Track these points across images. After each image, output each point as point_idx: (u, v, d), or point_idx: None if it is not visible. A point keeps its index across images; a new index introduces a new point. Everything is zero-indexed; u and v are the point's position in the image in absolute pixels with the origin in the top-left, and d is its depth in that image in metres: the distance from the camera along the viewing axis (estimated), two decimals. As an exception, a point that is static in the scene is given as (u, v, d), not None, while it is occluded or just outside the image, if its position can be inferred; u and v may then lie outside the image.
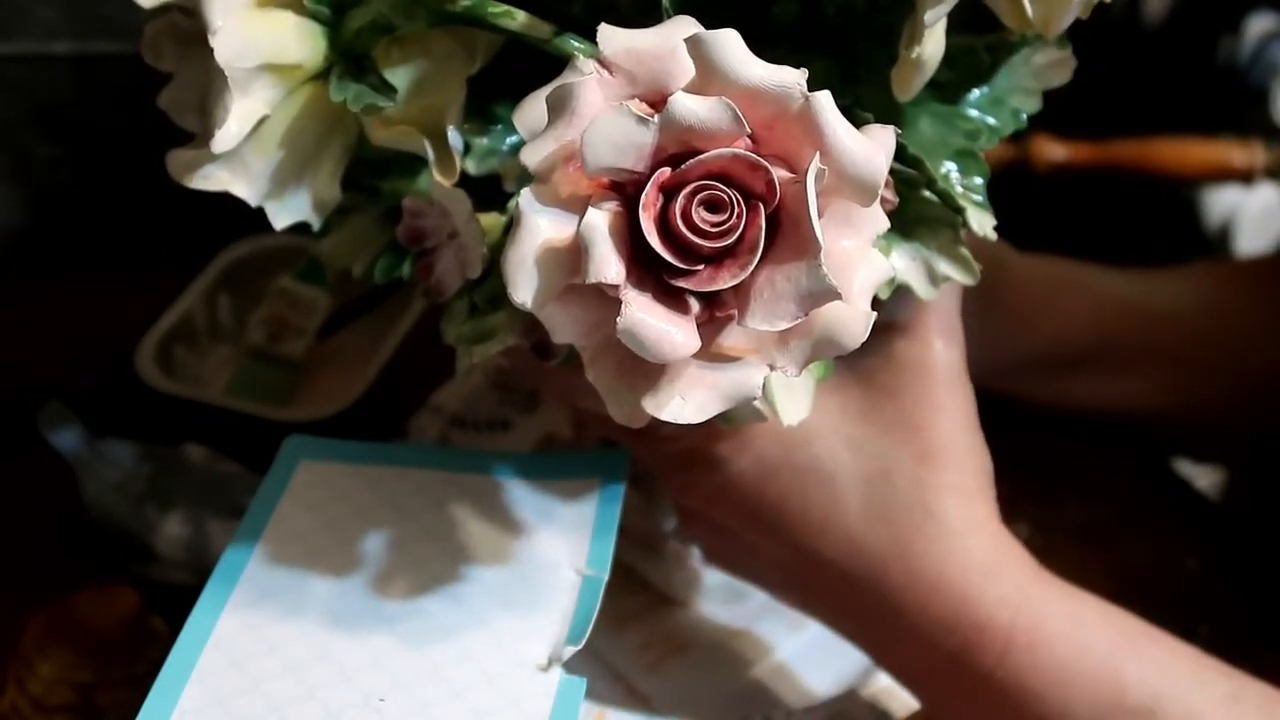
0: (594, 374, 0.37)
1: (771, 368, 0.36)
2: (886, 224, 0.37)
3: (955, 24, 0.43)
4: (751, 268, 0.35)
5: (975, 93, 0.47)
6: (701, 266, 0.35)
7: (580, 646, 0.51)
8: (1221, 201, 1.26)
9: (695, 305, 0.36)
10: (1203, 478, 1.15)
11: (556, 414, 0.69)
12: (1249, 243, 1.23)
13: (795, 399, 0.45)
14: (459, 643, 0.51)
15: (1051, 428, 0.74)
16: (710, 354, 0.36)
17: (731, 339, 0.36)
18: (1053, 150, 1.10)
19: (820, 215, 0.35)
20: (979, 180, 0.47)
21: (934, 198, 0.46)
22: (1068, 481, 0.49)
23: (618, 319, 0.35)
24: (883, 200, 0.38)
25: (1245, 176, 1.11)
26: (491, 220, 0.44)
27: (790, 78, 0.35)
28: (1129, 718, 0.45)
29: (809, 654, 0.60)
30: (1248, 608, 0.65)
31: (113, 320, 0.76)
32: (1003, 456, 0.50)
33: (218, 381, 0.75)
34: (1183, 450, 0.92)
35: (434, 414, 0.68)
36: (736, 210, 0.35)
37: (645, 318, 0.35)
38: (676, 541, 0.62)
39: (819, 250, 0.34)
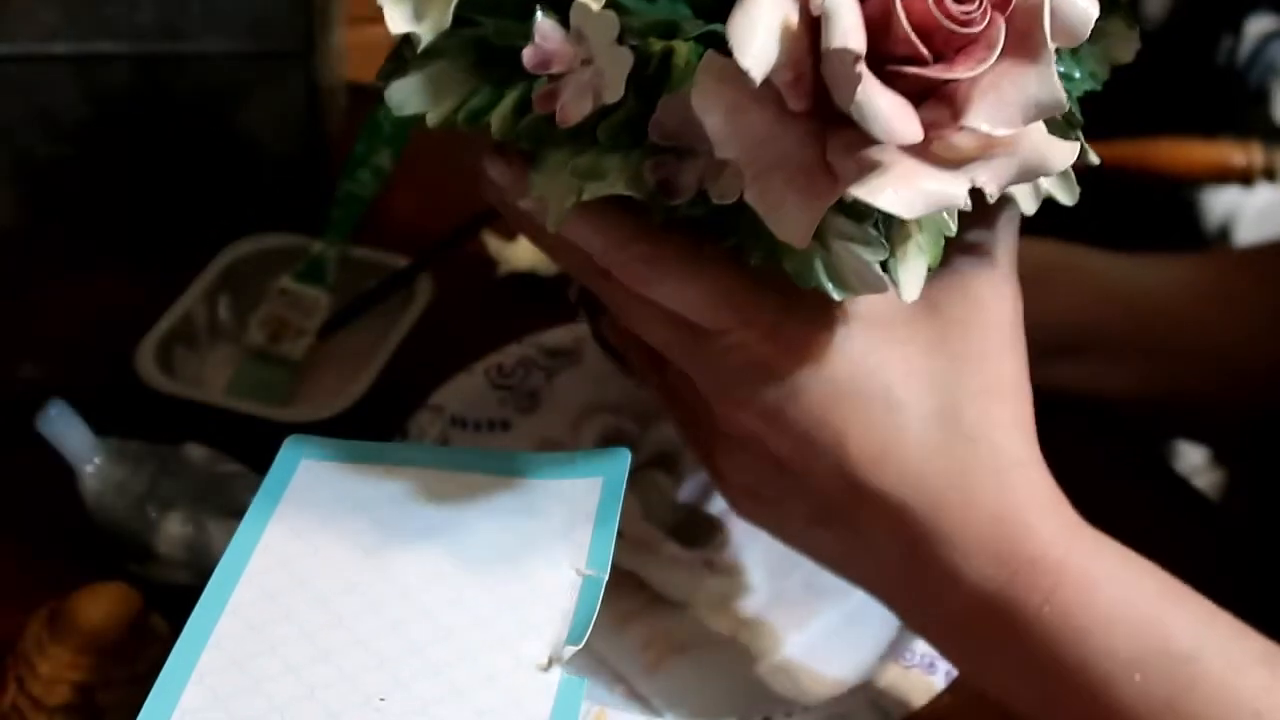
0: (757, 193, 0.37)
1: (974, 183, 0.36)
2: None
3: None
4: (990, 62, 0.35)
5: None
6: (932, 61, 0.36)
7: (580, 646, 0.51)
8: (1221, 202, 1.26)
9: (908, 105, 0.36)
10: (1202, 477, 1.15)
11: (556, 414, 0.69)
12: (1249, 243, 1.23)
13: (913, 276, 0.44)
14: (459, 643, 0.51)
15: (1049, 426, 0.74)
16: (916, 157, 0.36)
17: (935, 147, 0.36)
18: (1052, 150, 1.10)
19: None
20: (1080, 118, 0.47)
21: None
22: (1065, 481, 0.49)
23: (856, 92, 0.35)
24: None
25: (1244, 177, 1.11)
26: (679, 47, 0.42)
27: None
28: (1171, 662, 0.44)
29: (809, 654, 0.60)
30: (1248, 608, 0.65)
31: (113, 320, 0.76)
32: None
33: (218, 381, 0.75)
34: (1173, 432, 0.92)
35: (434, 414, 0.68)
36: (982, 3, 0.35)
37: (878, 95, 0.35)
38: (676, 544, 0.62)
39: (1050, 59, 0.35)
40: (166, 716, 0.47)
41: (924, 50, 0.36)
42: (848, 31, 0.35)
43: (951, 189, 0.36)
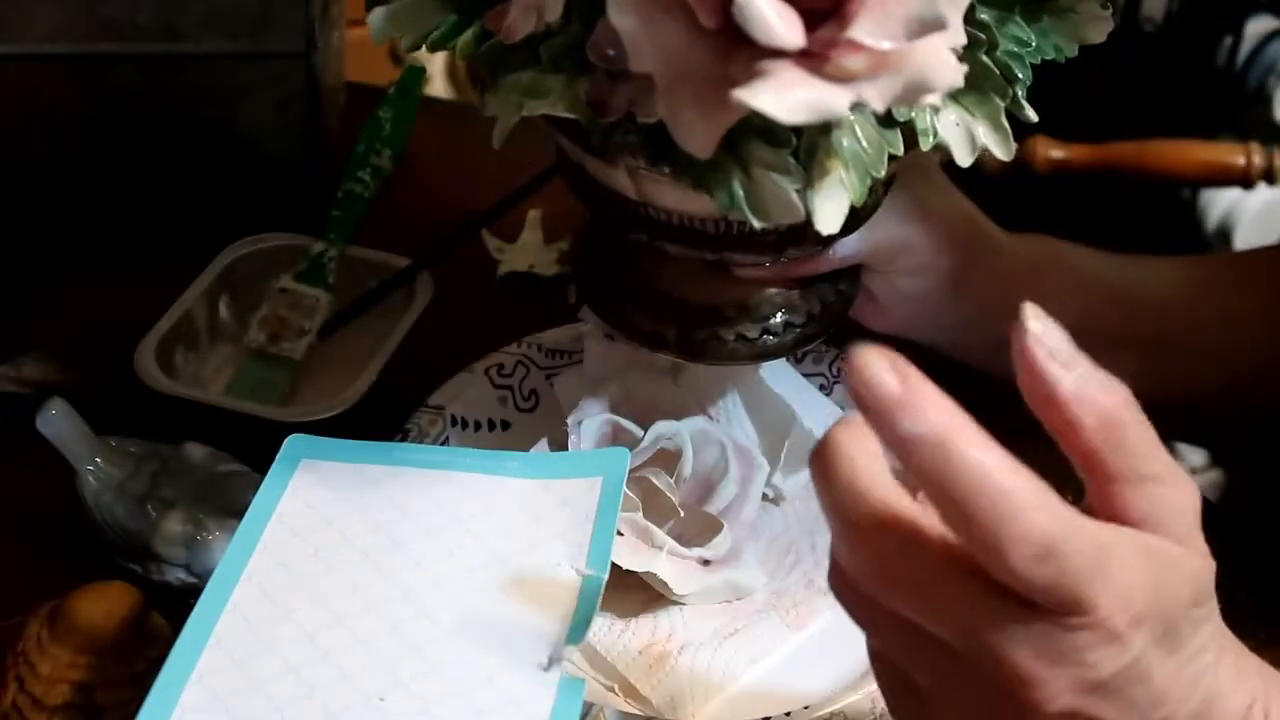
0: (667, 104, 0.38)
1: (859, 97, 0.37)
2: (963, 37, 0.39)
3: None
4: None
5: (1024, 15, 0.49)
6: None
7: (580, 646, 0.51)
8: (1220, 202, 1.27)
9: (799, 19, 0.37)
10: (1202, 477, 1.15)
11: (556, 414, 0.69)
12: (1247, 243, 1.24)
13: (832, 207, 0.45)
14: (459, 643, 0.51)
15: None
16: (803, 69, 0.37)
17: (826, 62, 0.37)
18: (1053, 151, 1.10)
19: None
20: (1022, 88, 0.48)
21: (992, 64, 0.47)
22: (1065, 481, 0.49)
23: None
24: None
25: (1244, 177, 1.11)
26: None
27: None
28: None
29: (809, 654, 0.60)
30: (1248, 607, 0.65)
31: (113, 320, 0.76)
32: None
33: (218, 381, 0.76)
34: (1169, 433, 0.92)
35: (434, 414, 0.68)
36: None
37: (766, 1, 0.36)
38: (676, 544, 0.62)
39: None
40: (166, 716, 0.47)
41: None
42: None
43: (832, 99, 0.37)
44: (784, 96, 0.37)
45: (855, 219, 0.55)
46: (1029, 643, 0.39)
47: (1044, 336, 0.40)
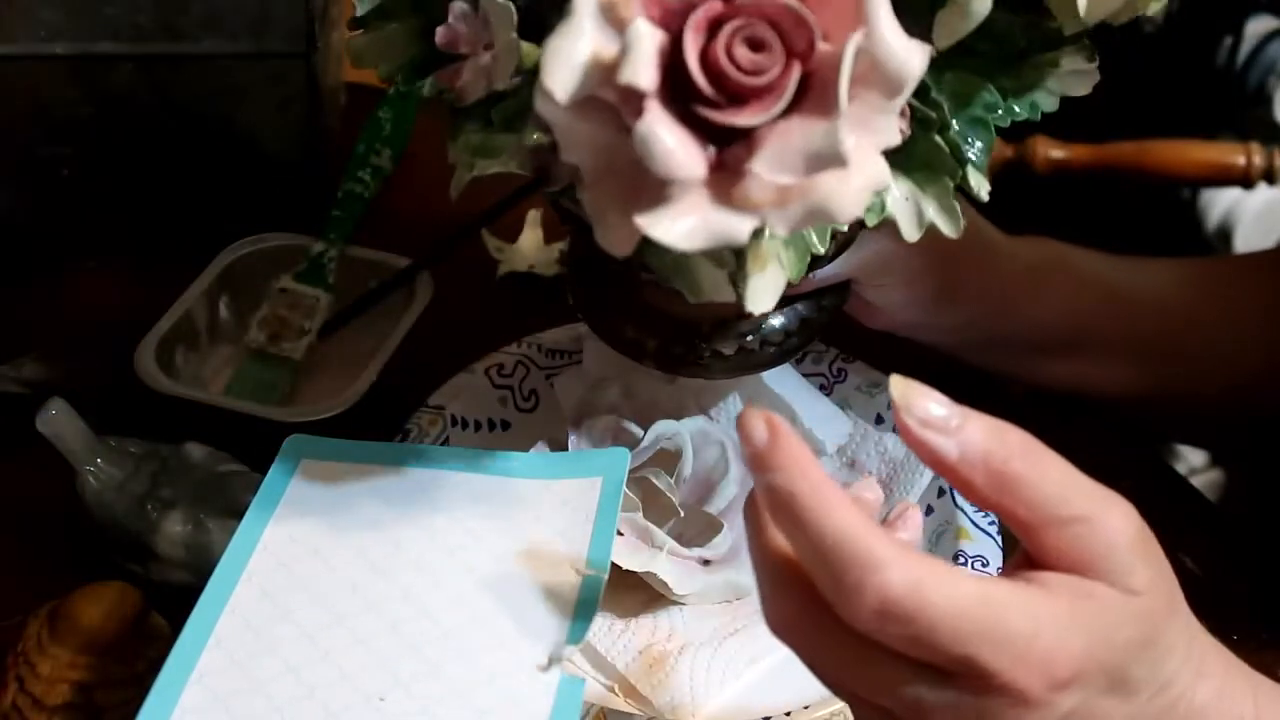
0: (591, 196, 0.38)
1: (762, 224, 0.37)
2: (897, 139, 0.38)
3: (1001, 1, 0.44)
4: (777, 112, 0.37)
5: (1003, 75, 0.49)
6: (726, 103, 0.37)
7: (580, 646, 0.51)
8: (1220, 202, 1.26)
9: (709, 145, 0.37)
10: (1200, 476, 1.15)
11: (556, 414, 0.69)
12: (1248, 243, 1.23)
13: (766, 289, 0.45)
14: (459, 643, 0.51)
15: (1048, 425, 0.74)
16: (709, 193, 0.37)
17: (733, 187, 0.37)
18: (1053, 151, 1.10)
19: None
20: (982, 146, 0.48)
21: (943, 144, 0.47)
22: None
23: (637, 123, 0.36)
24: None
25: (1244, 178, 1.11)
26: (528, 48, 0.45)
27: None
28: None
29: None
30: (1248, 608, 0.65)
31: (113, 320, 0.76)
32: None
33: (218, 381, 0.76)
34: (1169, 433, 0.92)
35: (434, 414, 0.68)
36: (777, 55, 0.37)
37: (661, 130, 0.36)
38: (676, 544, 0.62)
39: (839, 115, 0.36)
40: (166, 716, 0.47)
41: (713, 93, 0.37)
42: (637, 69, 0.36)
43: (733, 227, 0.38)
44: (682, 225, 0.37)
45: (818, 262, 0.55)
46: (945, 708, 0.39)
47: (913, 407, 0.40)
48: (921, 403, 0.40)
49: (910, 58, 0.37)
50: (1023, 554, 0.42)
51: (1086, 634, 0.39)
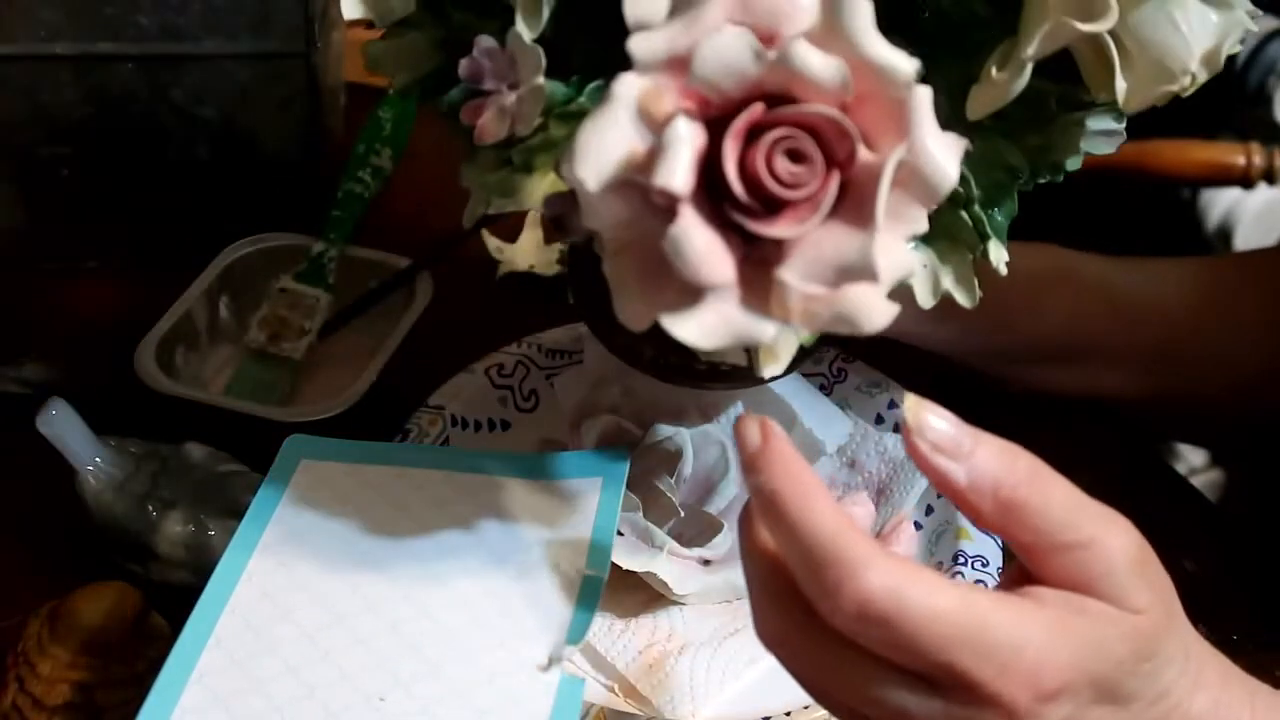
0: (612, 268, 0.38)
1: (785, 322, 0.37)
2: (925, 227, 0.38)
3: (1036, 64, 0.43)
4: (813, 224, 0.36)
5: (1031, 134, 0.48)
6: (761, 209, 0.36)
7: (580, 646, 0.51)
8: (1220, 202, 1.26)
9: (738, 244, 0.37)
10: (1201, 476, 1.15)
11: (556, 414, 0.69)
12: (1248, 243, 1.23)
13: (776, 358, 0.45)
14: (459, 643, 0.51)
15: (1048, 425, 0.74)
16: (736, 293, 0.37)
17: (760, 291, 0.37)
18: (1052, 151, 1.10)
19: None
20: (1004, 218, 0.47)
21: (967, 219, 0.46)
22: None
23: (670, 228, 0.35)
24: None
25: (1244, 178, 1.11)
26: (552, 90, 0.44)
27: (905, 64, 0.36)
28: None
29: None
30: (1247, 608, 0.65)
31: (113, 320, 0.76)
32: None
33: (218, 381, 0.76)
34: (1172, 435, 0.92)
35: (434, 414, 0.68)
36: (816, 167, 0.36)
37: (694, 235, 0.36)
38: (676, 544, 0.62)
39: (875, 230, 0.35)
40: (166, 716, 0.47)
41: (749, 201, 0.36)
42: (673, 172, 0.35)
43: (757, 330, 0.37)
44: (708, 328, 0.37)
45: None
46: (929, 716, 0.39)
47: (926, 430, 0.40)
48: (934, 426, 0.40)
49: (949, 168, 0.36)
50: (1018, 568, 0.42)
51: (1075, 646, 0.39)
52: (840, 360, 0.72)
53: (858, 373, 0.72)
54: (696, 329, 0.37)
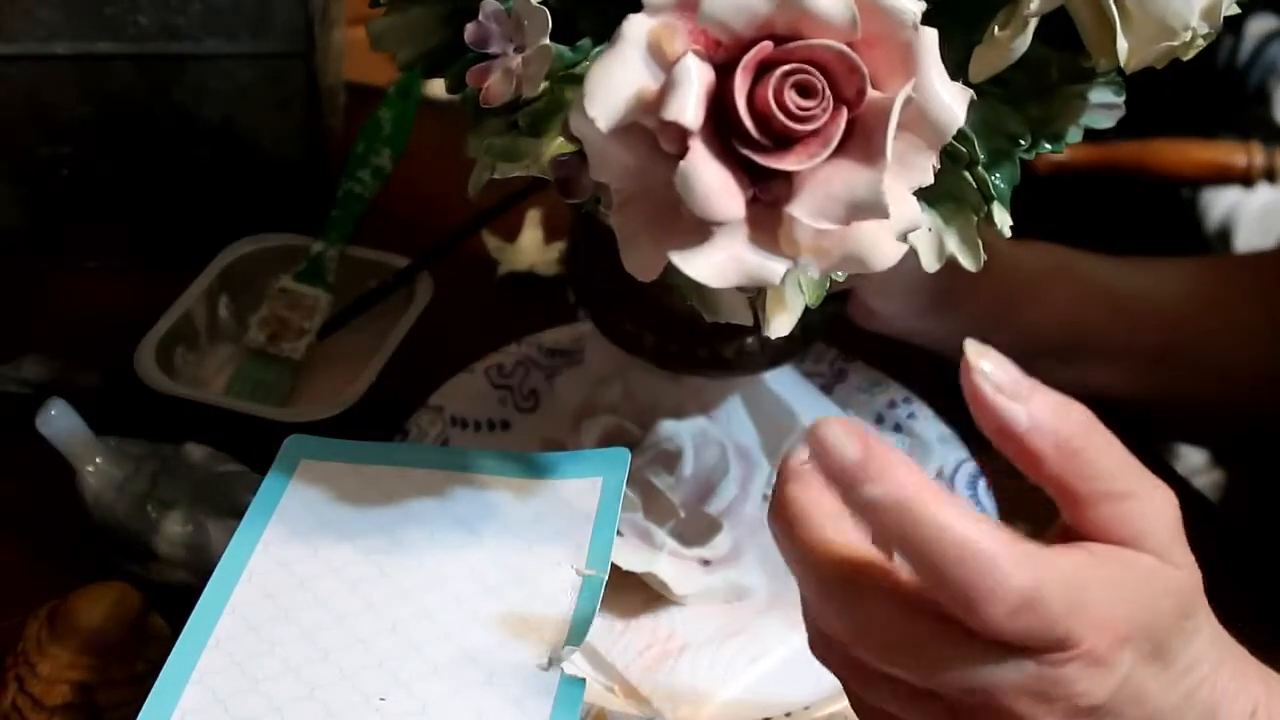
0: (620, 219, 0.38)
1: (794, 263, 0.37)
2: (930, 179, 0.38)
3: (1037, 31, 0.44)
4: (822, 158, 0.36)
5: (1032, 103, 0.48)
6: (770, 145, 0.36)
7: (580, 646, 0.51)
8: (1221, 202, 1.26)
9: (748, 183, 0.37)
10: (1202, 477, 1.15)
11: (556, 414, 0.69)
12: (1248, 243, 1.23)
13: (786, 314, 0.45)
14: (459, 643, 0.51)
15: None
16: (746, 232, 0.37)
17: (770, 228, 0.37)
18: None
19: None
20: (1006, 184, 0.47)
21: (971, 180, 0.46)
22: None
23: (680, 163, 0.35)
24: None
25: (1245, 177, 1.11)
26: (559, 54, 0.44)
27: (910, 4, 0.36)
28: None
29: (809, 654, 0.60)
30: (1248, 608, 0.65)
31: (113, 320, 0.76)
32: (1001, 456, 0.50)
33: (218, 381, 0.76)
34: (1171, 435, 0.92)
35: (434, 414, 0.68)
36: (825, 102, 0.36)
37: (704, 170, 0.36)
38: (676, 544, 0.62)
39: (884, 166, 0.35)
40: (166, 716, 0.47)
41: (758, 136, 0.36)
42: (684, 107, 0.36)
43: (767, 269, 0.37)
44: (716, 263, 0.37)
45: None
46: (1018, 684, 0.39)
47: (991, 373, 0.40)
48: (1001, 367, 0.40)
49: (955, 108, 0.37)
50: (1061, 526, 0.42)
51: (1134, 596, 0.40)
52: (840, 360, 0.72)
53: (858, 373, 0.72)
54: (707, 266, 0.37)
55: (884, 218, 0.36)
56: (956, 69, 0.44)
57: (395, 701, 0.48)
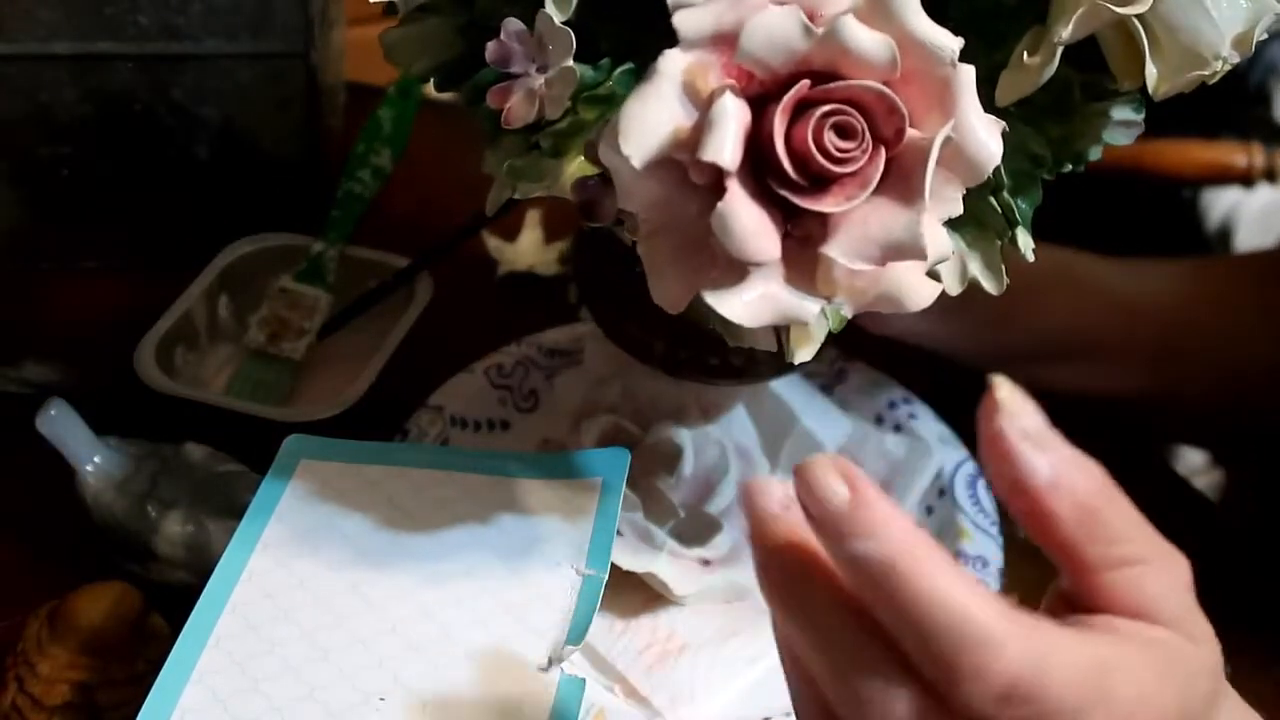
0: (647, 249, 0.38)
1: (829, 300, 0.37)
2: (960, 209, 0.38)
3: (1063, 52, 0.43)
4: (860, 200, 0.36)
5: (1053, 123, 0.47)
6: (807, 185, 0.36)
7: (580, 646, 0.51)
8: (1221, 203, 1.26)
9: (783, 220, 0.36)
10: (1202, 477, 1.15)
11: (556, 414, 0.69)
12: (1248, 243, 1.23)
13: (809, 341, 0.45)
14: (459, 643, 0.51)
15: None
16: (779, 270, 0.37)
17: (803, 263, 0.36)
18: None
19: None
20: (1029, 207, 0.47)
21: (996, 205, 0.46)
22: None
23: (718, 204, 0.35)
24: None
25: (1245, 178, 1.11)
26: (582, 73, 0.44)
27: (948, 42, 0.36)
28: None
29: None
30: (1248, 608, 0.65)
31: (113, 320, 0.76)
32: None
33: (218, 381, 0.76)
34: (1172, 435, 0.92)
35: (434, 414, 0.68)
36: (865, 143, 0.36)
37: (741, 211, 0.35)
38: (676, 544, 0.62)
39: (923, 208, 0.35)
40: (166, 716, 0.47)
41: (796, 177, 0.36)
42: (722, 147, 0.35)
43: (801, 308, 0.37)
44: (753, 305, 0.36)
45: None
46: None
47: (1019, 416, 0.36)
48: (1028, 411, 0.36)
49: (992, 146, 0.36)
50: (1058, 597, 0.38)
51: (1169, 686, 0.37)
52: (840, 360, 0.72)
53: (858, 373, 0.72)
54: (741, 306, 0.36)
55: (922, 259, 0.36)
56: (979, 91, 0.44)
57: (395, 701, 0.48)
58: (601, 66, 0.44)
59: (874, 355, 0.72)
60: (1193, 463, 1.17)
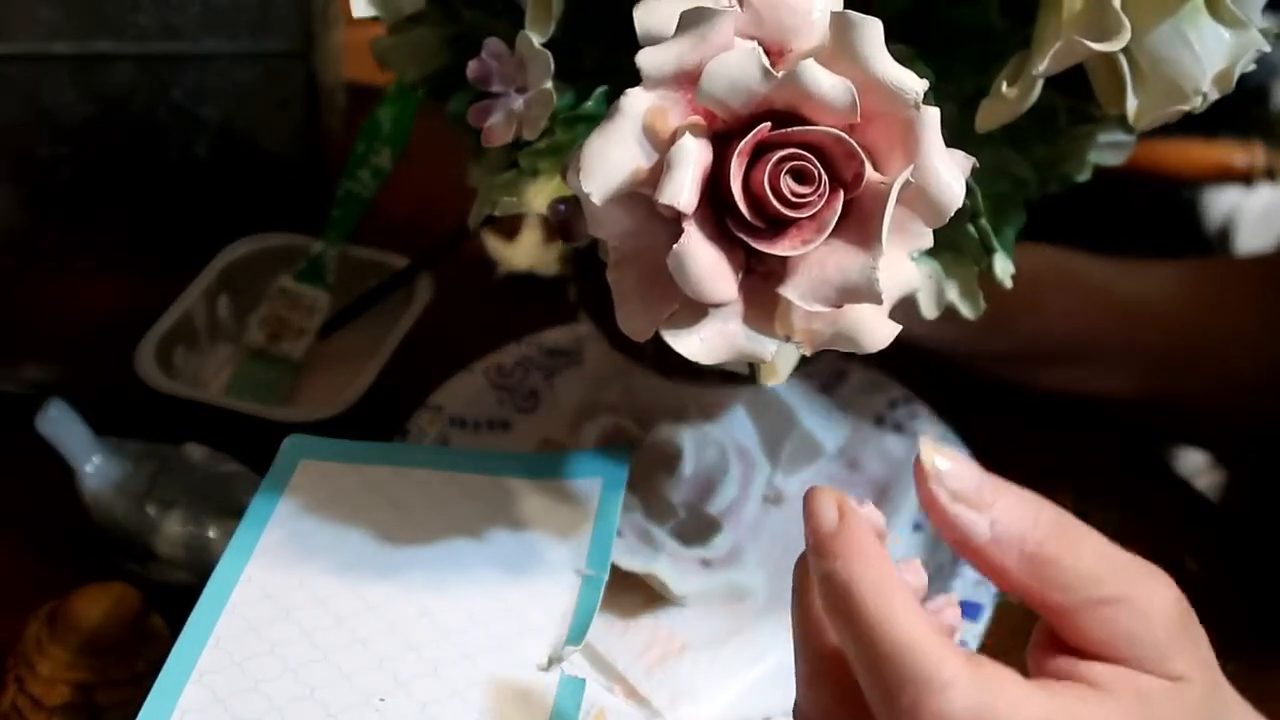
0: (614, 277, 0.38)
1: (787, 339, 0.37)
2: (930, 243, 0.37)
3: (1047, 78, 0.43)
4: (815, 245, 0.36)
5: (1039, 146, 0.47)
6: (764, 227, 0.36)
7: (580, 646, 0.51)
8: (1221, 202, 1.26)
9: (741, 259, 0.36)
10: (1203, 478, 1.15)
11: (556, 414, 0.69)
12: (1249, 243, 1.23)
13: (777, 374, 0.45)
14: (459, 643, 0.51)
15: (1047, 426, 0.74)
16: (739, 308, 0.37)
17: (763, 301, 0.37)
18: (1052, 151, 1.10)
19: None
20: (1012, 230, 0.47)
21: (973, 232, 0.46)
22: (1066, 482, 0.49)
23: (675, 245, 0.35)
24: None
25: (1245, 177, 1.11)
26: (560, 94, 0.44)
27: (912, 84, 0.35)
28: None
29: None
30: (1248, 608, 0.65)
31: (113, 320, 0.76)
32: (1001, 457, 0.50)
33: (218, 381, 0.75)
34: (1171, 436, 0.92)
35: (434, 414, 0.68)
36: (821, 188, 0.36)
37: (698, 253, 0.35)
38: (676, 544, 0.62)
39: (879, 254, 0.35)
40: (166, 716, 0.47)
41: (752, 219, 0.36)
42: (679, 191, 0.35)
43: (759, 347, 0.37)
44: (710, 344, 0.37)
45: None
46: None
47: (946, 477, 0.36)
48: (953, 472, 0.36)
49: (955, 188, 0.36)
50: (1046, 633, 0.38)
51: None
52: (840, 360, 0.72)
53: (857, 373, 0.72)
54: (698, 344, 0.37)
55: (877, 303, 0.36)
56: (962, 112, 0.44)
57: (395, 701, 0.48)
58: (579, 88, 0.44)
59: (874, 355, 0.72)
60: (1194, 464, 1.17)
